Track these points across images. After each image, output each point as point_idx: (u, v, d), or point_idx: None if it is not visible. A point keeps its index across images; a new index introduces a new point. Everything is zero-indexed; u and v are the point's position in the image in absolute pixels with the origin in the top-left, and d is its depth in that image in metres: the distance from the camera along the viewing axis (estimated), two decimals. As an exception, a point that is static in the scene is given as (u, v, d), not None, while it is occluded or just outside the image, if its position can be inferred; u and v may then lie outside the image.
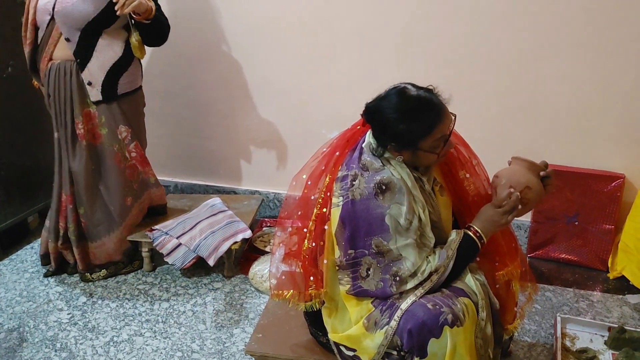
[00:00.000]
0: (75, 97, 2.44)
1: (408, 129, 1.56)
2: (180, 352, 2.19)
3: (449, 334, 1.50)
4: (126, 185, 2.61)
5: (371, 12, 2.76)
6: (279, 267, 1.79)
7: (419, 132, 1.56)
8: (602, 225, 2.72)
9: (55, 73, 2.43)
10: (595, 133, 2.69)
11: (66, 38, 2.36)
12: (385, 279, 1.60)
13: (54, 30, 2.38)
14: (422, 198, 1.63)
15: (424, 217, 1.61)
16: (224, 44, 3.02)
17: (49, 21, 2.36)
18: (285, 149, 3.16)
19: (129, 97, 2.54)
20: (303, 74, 2.97)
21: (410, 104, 1.57)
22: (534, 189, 1.65)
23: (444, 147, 1.61)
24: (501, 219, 1.64)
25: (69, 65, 2.41)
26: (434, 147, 1.59)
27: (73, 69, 2.41)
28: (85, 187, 2.54)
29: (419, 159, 1.63)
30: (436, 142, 1.58)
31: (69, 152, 2.52)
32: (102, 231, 2.62)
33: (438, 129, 1.56)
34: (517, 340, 2.23)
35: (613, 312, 2.44)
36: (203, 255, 2.58)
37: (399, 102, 1.57)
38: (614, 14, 2.48)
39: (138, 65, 2.57)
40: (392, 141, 1.60)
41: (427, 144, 1.58)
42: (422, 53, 2.75)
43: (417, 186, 1.64)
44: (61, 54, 2.42)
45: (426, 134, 1.56)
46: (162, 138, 3.33)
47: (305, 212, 1.73)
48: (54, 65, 2.43)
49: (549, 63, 2.63)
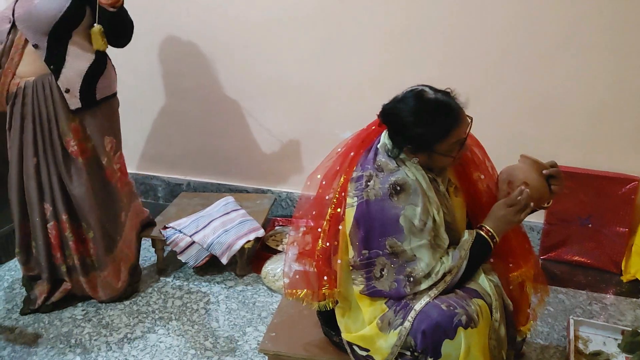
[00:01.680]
0: (59, 112, 2.19)
1: (424, 132, 1.56)
2: (193, 349, 2.21)
3: (463, 335, 1.50)
4: (119, 200, 2.44)
5: (385, 11, 2.76)
6: (292, 267, 1.80)
7: (435, 135, 1.56)
8: (616, 228, 2.70)
9: (32, 91, 2.16)
10: (610, 135, 2.68)
11: (34, 45, 2.11)
12: (399, 280, 1.60)
13: (17, 39, 2.11)
14: (437, 199, 1.63)
15: (438, 218, 1.61)
16: (236, 42, 3.03)
17: (10, 30, 2.10)
18: (298, 148, 3.17)
19: (107, 103, 2.33)
20: (316, 73, 2.97)
21: (428, 107, 1.56)
22: (532, 185, 1.65)
23: (460, 150, 1.61)
24: (513, 218, 1.64)
25: (46, 79, 2.16)
26: (450, 151, 1.59)
27: (51, 82, 2.16)
28: (91, 208, 2.32)
29: (435, 162, 1.63)
30: (452, 145, 1.58)
31: (64, 175, 2.26)
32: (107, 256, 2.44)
33: (454, 132, 1.57)
34: (530, 343, 2.23)
35: (626, 315, 2.43)
36: (216, 253, 2.59)
37: (416, 105, 1.57)
38: (629, 15, 2.47)
39: (112, 68, 2.35)
40: (408, 143, 1.60)
41: (443, 148, 1.58)
42: (435, 53, 2.75)
43: (432, 187, 1.64)
44: (29, 69, 2.15)
45: (442, 138, 1.56)
46: (174, 136, 3.35)
47: (319, 212, 1.73)
48: (28, 83, 2.16)
49: (563, 64, 2.62)
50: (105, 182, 2.37)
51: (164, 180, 3.48)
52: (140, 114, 3.32)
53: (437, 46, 2.73)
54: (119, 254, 2.46)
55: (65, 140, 2.23)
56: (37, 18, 2.07)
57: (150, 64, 3.18)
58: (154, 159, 3.44)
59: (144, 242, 2.76)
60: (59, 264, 2.38)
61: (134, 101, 2.57)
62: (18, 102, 2.19)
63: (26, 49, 2.13)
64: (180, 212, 2.92)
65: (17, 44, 2.12)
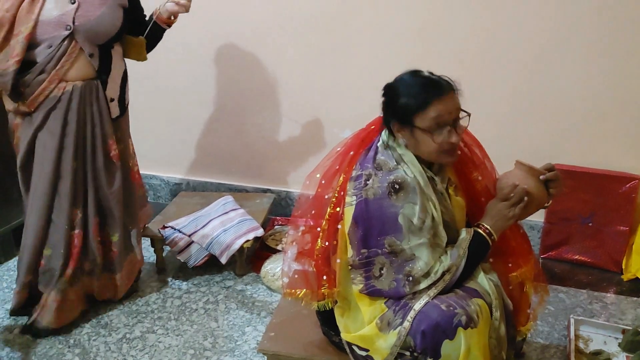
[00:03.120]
0: (104, 119, 2.21)
1: (407, 102, 1.57)
2: (192, 349, 2.20)
3: (462, 336, 1.49)
4: (137, 202, 2.47)
5: (384, 11, 2.75)
6: (292, 266, 1.79)
7: (415, 106, 1.56)
8: (617, 227, 2.69)
9: (79, 96, 2.13)
10: (611, 133, 2.67)
11: (90, 54, 2.10)
12: (398, 279, 1.59)
13: (72, 47, 2.06)
14: (435, 197, 1.63)
15: (436, 216, 1.61)
16: (235, 41, 3.02)
17: (66, 37, 2.04)
18: (297, 148, 3.16)
19: (127, 109, 2.39)
20: (315, 73, 2.97)
21: (416, 80, 1.60)
22: (530, 192, 1.64)
23: (443, 134, 1.56)
24: (508, 213, 1.63)
25: (93, 86, 2.16)
26: (431, 129, 1.56)
27: (98, 90, 2.17)
28: (120, 211, 2.32)
29: (418, 144, 1.60)
30: (432, 122, 1.55)
31: (102, 179, 2.25)
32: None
33: (434, 106, 1.54)
34: (530, 342, 2.22)
35: (627, 315, 2.42)
36: (215, 253, 2.59)
37: (408, 79, 1.62)
38: (628, 14, 2.47)
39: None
40: (394, 117, 1.62)
41: (422, 122, 1.55)
42: (435, 52, 2.74)
43: (430, 185, 1.63)
44: (78, 73, 2.12)
45: (421, 109, 1.55)
46: (174, 136, 3.35)
47: (318, 211, 1.72)
48: (76, 88, 2.12)
49: (564, 62, 2.61)
50: (130, 183, 2.39)
51: (163, 179, 3.47)
52: (139, 113, 3.29)
53: (436, 46, 2.73)
54: (133, 256, 2.45)
55: (109, 144, 2.25)
56: (98, 30, 2.07)
57: (149, 63, 3.16)
58: (153, 159, 3.43)
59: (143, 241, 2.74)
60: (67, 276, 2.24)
61: (134, 101, 2.56)
62: (62, 105, 2.12)
63: (78, 58, 2.09)
64: (179, 212, 2.92)
65: (72, 52, 2.07)
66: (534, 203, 1.65)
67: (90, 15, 2.05)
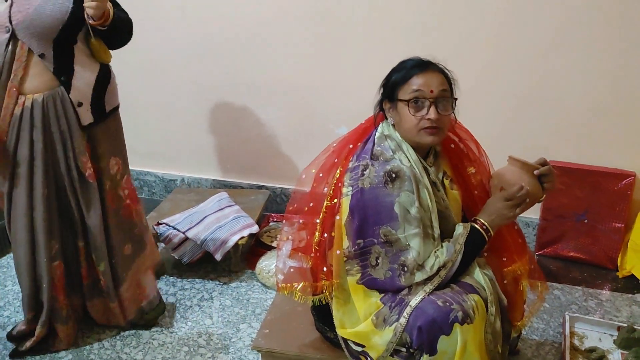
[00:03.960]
0: (74, 131, 1.91)
1: (394, 77, 1.66)
2: (186, 346, 2.19)
3: (459, 331, 1.49)
4: (122, 230, 2.13)
5: (379, 8, 2.74)
6: (287, 262, 1.79)
7: (398, 79, 1.64)
8: (612, 224, 2.70)
9: (41, 110, 1.85)
10: (606, 131, 2.67)
11: (40, 54, 1.80)
12: (393, 269, 1.60)
13: (19, 50, 1.78)
14: (430, 187, 1.63)
15: (431, 206, 1.62)
16: (231, 39, 3.00)
17: (9, 40, 1.77)
18: (293, 144, 3.15)
19: (114, 115, 2.07)
20: (311, 69, 2.96)
21: (408, 61, 1.67)
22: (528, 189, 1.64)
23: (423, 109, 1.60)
24: (509, 212, 1.63)
25: (56, 94, 1.86)
26: (411, 102, 1.60)
27: (63, 97, 1.87)
28: (102, 241, 2.05)
29: (401, 121, 1.64)
30: (412, 95, 1.60)
31: (82, 204, 1.99)
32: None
33: (414, 78, 1.61)
34: (525, 339, 2.22)
35: (622, 312, 2.42)
36: (210, 250, 2.57)
37: (404, 60, 1.69)
38: (626, 11, 2.47)
39: (114, 75, 2.07)
40: (385, 96, 1.69)
41: (404, 94, 1.62)
42: (431, 49, 2.69)
43: (425, 174, 1.64)
44: (36, 84, 1.84)
45: (403, 82, 1.63)
46: (168, 132, 3.33)
47: (316, 205, 1.73)
48: (36, 102, 1.84)
49: (560, 60, 2.61)
50: (107, 208, 2.06)
51: (158, 176, 3.46)
52: (134, 110, 3.28)
53: (432, 43, 2.71)
54: (124, 292, 2.18)
55: (82, 162, 1.94)
56: (40, 22, 1.76)
57: (143, 59, 3.16)
58: (148, 155, 3.41)
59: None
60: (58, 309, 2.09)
61: (128, 97, 2.54)
62: (25, 126, 1.86)
63: (31, 61, 1.81)
64: (174, 208, 2.91)
65: (20, 57, 1.79)
66: (530, 199, 1.65)
67: (28, 8, 1.75)
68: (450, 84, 1.67)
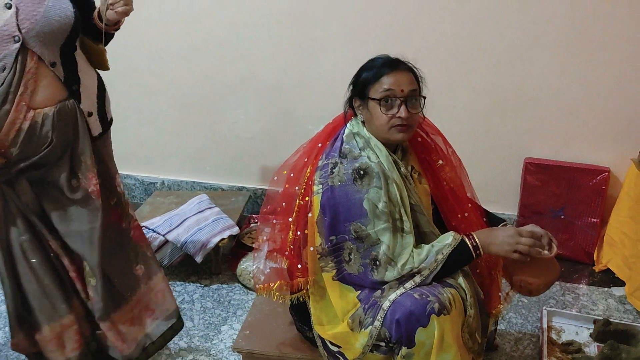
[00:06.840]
0: (85, 144, 1.76)
1: (365, 76, 1.69)
2: (167, 349, 2.18)
3: (436, 323, 1.50)
4: (133, 249, 1.97)
5: (357, 8, 2.76)
6: (266, 264, 1.79)
7: (369, 78, 1.67)
8: (588, 219, 2.74)
9: (52, 124, 1.67)
10: (581, 127, 2.71)
11: (52, 63, 1.65)
12: (365, 264, 1.62)
13: (29, 61, 1.61)
14: (400, 181, 1.66)
15: (401, 199, 1.64)
16: (208, 40, 3.00)
17: (18, 51, 1.58)
18: (272, 145, 3.15)
19: (111, 125, 1.96)
20: (289, 70, 2.96)
21: (378, 59, 1.71)
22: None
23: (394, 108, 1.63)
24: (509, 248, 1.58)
25: (66, 106, 1.70)
26: (382, 100, 1.63)
27: (72, 108, 1.71)
28: (102, 256, 1.82)
29: (372, 118, 1.67)
30: (383, 93, 1.63)
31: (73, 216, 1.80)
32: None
33: (385, 77, 1.64)
34: (504, 334, 2.25)
35: (598, 305, 2.46)
36: (190, 252, 2.56)
37: (373, 58, 1.72)
38: (599, 12, 2.51)
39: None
40: (355, 94, 1.72)
41: (375, 93, 1.65)
42: (407, 49, 2.72)
43: (395, 168, 1.67)
44: (45, 97, 1.66)
45: (374, 81, 1.65)
46: (148, 135, 3.31)
47: (289, 205, 1.74)
48: (47, 116, 1.66)
49: (536, 59, 2.64)
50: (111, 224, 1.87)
51: (137, 179, 3.44)
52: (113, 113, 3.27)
53: (409, 43, 2.74)
54: (127, 314, 1.93)
55: (89, 178, 1.78)
56: (50, 28, 1.62)
57: (122, 62, 3.12)
58: (127, 158, 3.38)
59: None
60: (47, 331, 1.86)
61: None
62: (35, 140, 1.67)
63: (41, 72, 1.65)
64: (154, 211, 2.89)
65: (30, 68, 1.62)
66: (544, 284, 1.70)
67: (35, 15, 1.61)
68: (419, 82, 1.70)
